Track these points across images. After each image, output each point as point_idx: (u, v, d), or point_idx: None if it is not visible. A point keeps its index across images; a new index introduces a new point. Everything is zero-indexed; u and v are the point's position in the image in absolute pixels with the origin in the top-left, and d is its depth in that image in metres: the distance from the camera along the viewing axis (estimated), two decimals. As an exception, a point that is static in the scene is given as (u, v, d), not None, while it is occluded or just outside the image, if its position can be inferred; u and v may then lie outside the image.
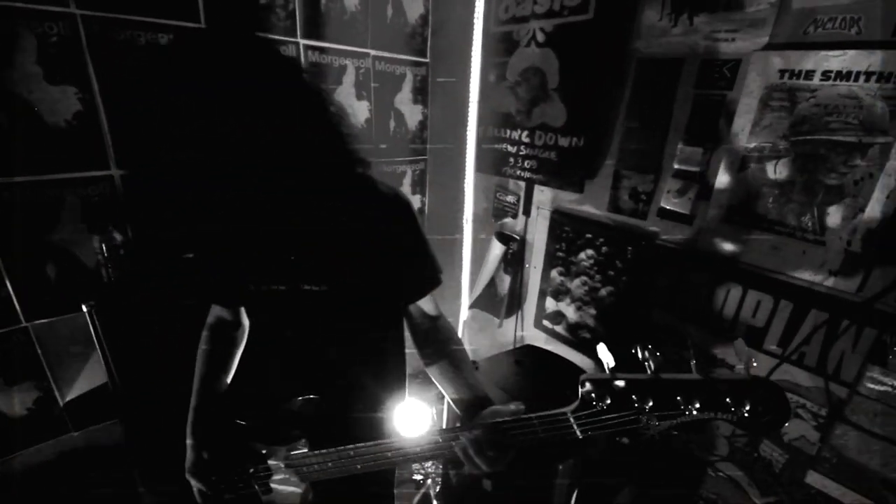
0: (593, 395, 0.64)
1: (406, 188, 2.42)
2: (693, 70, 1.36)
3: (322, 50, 1.88)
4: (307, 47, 1.84)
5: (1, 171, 1.33)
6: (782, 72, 1.21)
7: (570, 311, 1.89)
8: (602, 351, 0.64)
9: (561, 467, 1.39)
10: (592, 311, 1.80)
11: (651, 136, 1.48)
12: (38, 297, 1.47)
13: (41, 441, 1.59)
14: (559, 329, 1.97)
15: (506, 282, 2.16)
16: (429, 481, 2.06)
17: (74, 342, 1.53)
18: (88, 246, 1.51)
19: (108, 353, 1.24)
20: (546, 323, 2.02)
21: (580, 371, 1.79)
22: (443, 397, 2.39)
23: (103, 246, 1.43)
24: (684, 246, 1.47)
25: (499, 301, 2.22)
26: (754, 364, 0.60)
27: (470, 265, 2.39)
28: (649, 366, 0.62)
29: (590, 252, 1.74)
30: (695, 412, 0.60)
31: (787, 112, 1.22)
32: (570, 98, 1.62)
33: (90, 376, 1.59)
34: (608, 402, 0.63)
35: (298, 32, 1.79)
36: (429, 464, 2.12)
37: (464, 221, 2.34)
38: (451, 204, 2.35)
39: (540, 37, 1.67)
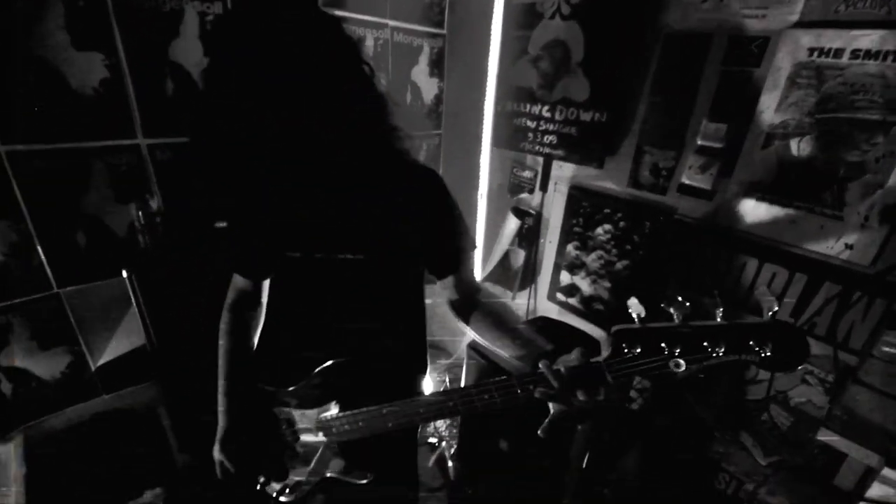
0: (624, 343, 0.68)
1: (420, 162, 2.43)
2: (721, 46, 1.38)
3: (343, 20, 1.85)
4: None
5: (30, 137, 1.34)
6: (811, 50, 1.23)
7: (585, 285, 1.95)
8: (633, 303, 0.69)
9: (580, 428, 1.47)
10: (607, 285, 1.85)
11: (675, 112, 1.50)
12: (69, 264, 1.50)
13: (74, 403, 1.65)
14: (573, 301, 2.03)
15: (520, 256, 2.21)
16: (443, 444, 2.16)
17: (106, 308, 1.57)
18: (117, 214, 1.52)
19: (146, 317, 1.28)
20: (559, 296, 2.08)
21: (594, 341, 1.86)
22: (454, 367, 2.46)
23: (140, 213, 1.44)
24: (703, 221, 1.52)
25: (512, 275, 2.27)
26: (776, 308, 0.64)
27: (484, 240, 2.43)
28: (677, 316, 0.66)
29: (607, 227, 1.78)
30: (721, 355, 0.65)
31: (813, 90, 1.24)
32: (595, 72, 1.63)
33: (121, 341, 1.63)
34: (638, 349, 0.68)
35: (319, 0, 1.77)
36: (443, 428, 2.21)
37: (478, 197, 2.37)
38: (466, 179, 2.36)
39: (565, 9, 1.67)
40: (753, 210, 1.40)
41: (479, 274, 2.46)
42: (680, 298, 0.66)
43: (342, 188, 0.82)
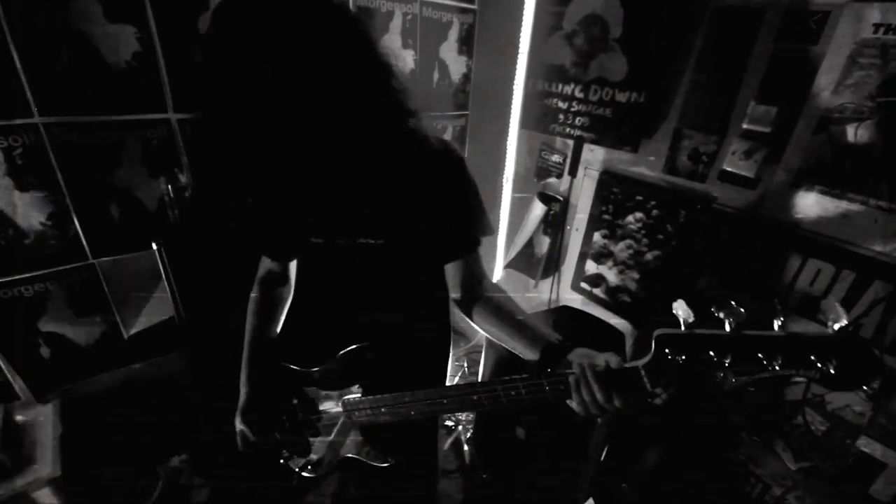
0: (668, 349, 0.63)
1: (446, 144, 2.38)
2: (775, 21, 1.27)
3: (368, -4, 1.81)
4: (355, -10, 1.77)
5: (66, 109, 1.37)
6: (877, 26, 1.12)
7: (612, 275, 1.88)
8: (680, 306, 0.64)
9: (600, 421, 1.44)
10: (635, 276, 1.79)
11: (720, 93, 1.40)
12: (104, 235, 1.54)
13: (108, 370, 1.72)
14: (598, 292, 1.97)
15: (544, 243, 2.16)
16: (460, 427, 2.16)
17: (138, 279, 1.62)
18: (149, 188, 1.56)
19: (175, 289, 1.30)
20: (584, 285, 2.03)
21: (619, 333, 1.80)
22: (472, 353, 2.45)
23: (169, 187, 1.47)
24: (744, 211, 1.43)
25: (536, 262, 2.22)
26: (844, 321, 0.58)
27: (507, 225, 2.39)
28: (730, 323, 0.61)
29: (639, 215, 1.71)
30: (777, 368, 0.59)
31: (877, 70, 1.13)
32: (634, 49, 1.54)
33: (152, 312, 1.69)
34: (683, 357, 0.63)
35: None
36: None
37: (504, 180, 2.31)
38: (493, 162, 2.31)
39: (604, -18, 1.57)
40: (801, 200, 1.31)
41: (501, 260, 2.42)
42: (734, 303, 0.61)
43: (359, 173, 0.80)
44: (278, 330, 1.12)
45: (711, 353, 0.61)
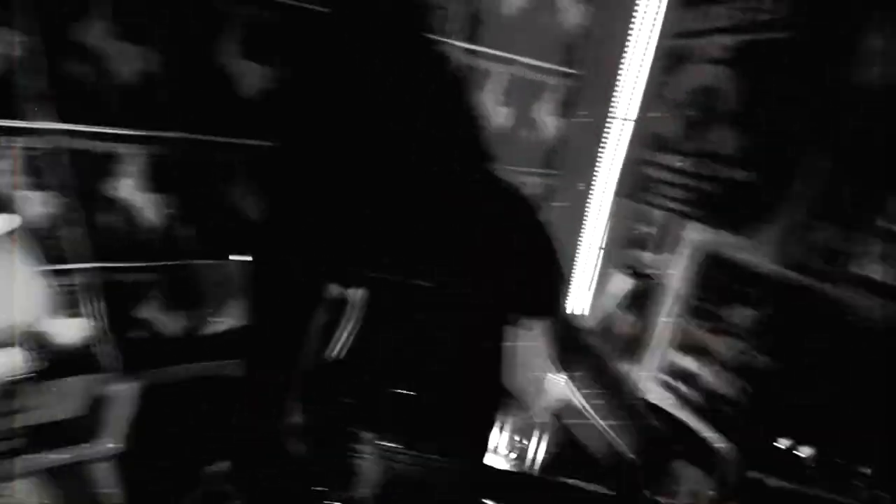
0: None
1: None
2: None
3: (472, 52, 1.89)
4: (459, 49, 1.86)
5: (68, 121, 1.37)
6: None
7: (706, 374, 1.59)
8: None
9: None
10: (738, 383, 1.48)
11: (859, 183, 1.16)
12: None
13: (186, 362, 1.85)
14: (685, 390, 1.68)
15: (626, 322, 1.93)
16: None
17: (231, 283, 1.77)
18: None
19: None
20: (667, 379, 1.75)
21: (707, 446, 1.48)
22: (527, 428, 2.22)
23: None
24: (884, 325, 1.12)
25: (614, 343, 1.99)
26: None
27: (590, 297, 2.20)
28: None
29: (746, 312, 1.44)
30: None
31: None
32: (749, 125, 1.37)
33: (234, 315, 1.82)
34: None
35: (451, 32, 1.82)
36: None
37: (588, 247, 2.17)
38: (576, 226, 2.18)
39: (719, 53, 1.45)
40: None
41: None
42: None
43: (427, 213, 0.78)
44: (336, 356, 1.12)
45: None
